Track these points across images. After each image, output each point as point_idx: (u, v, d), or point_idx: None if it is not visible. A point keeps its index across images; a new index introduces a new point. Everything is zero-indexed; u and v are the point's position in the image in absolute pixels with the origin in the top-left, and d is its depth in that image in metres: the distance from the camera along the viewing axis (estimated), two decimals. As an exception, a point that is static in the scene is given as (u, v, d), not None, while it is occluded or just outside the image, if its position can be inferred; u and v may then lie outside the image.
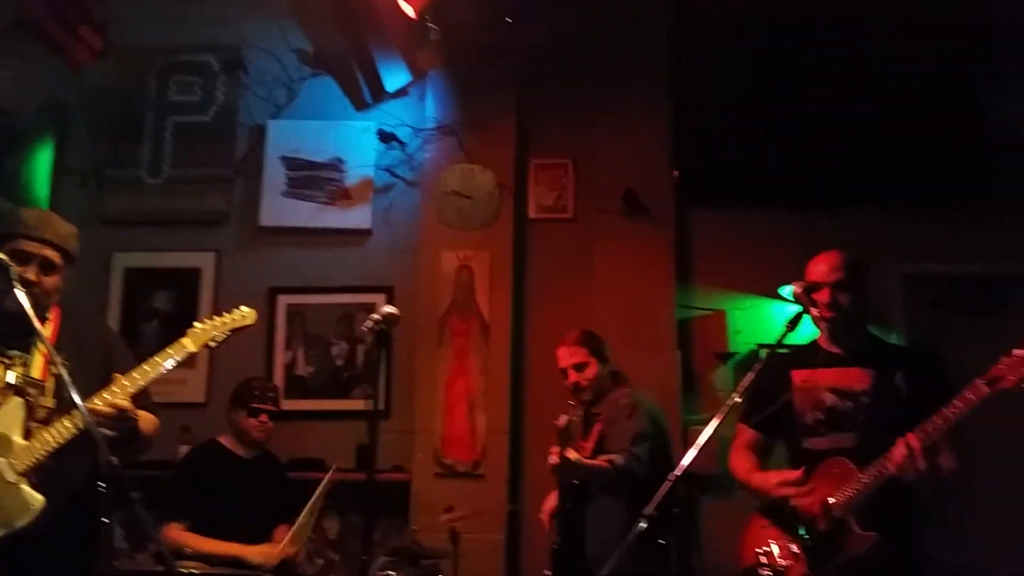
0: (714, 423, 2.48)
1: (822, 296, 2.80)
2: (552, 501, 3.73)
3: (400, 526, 4.40)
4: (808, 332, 2.80)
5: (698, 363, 4.74)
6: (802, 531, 2.74)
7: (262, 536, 3.82)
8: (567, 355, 3.79)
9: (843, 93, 4.69)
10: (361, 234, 5.02)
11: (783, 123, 4.68)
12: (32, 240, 2.57)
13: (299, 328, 4.95)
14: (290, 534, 3.78)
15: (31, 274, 2.53)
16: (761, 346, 4.64)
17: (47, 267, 2.59)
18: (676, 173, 4.78)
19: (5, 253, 2.47)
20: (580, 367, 3.75)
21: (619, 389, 3.77)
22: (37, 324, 2.41)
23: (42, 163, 5.09)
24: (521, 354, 4.80)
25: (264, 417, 3.97)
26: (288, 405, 4.67)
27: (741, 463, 3.03)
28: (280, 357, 4.89)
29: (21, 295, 2.41)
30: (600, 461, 3.53)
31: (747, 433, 3.04)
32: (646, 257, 4.74)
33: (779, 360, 2.90)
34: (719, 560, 3.99)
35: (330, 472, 3.86)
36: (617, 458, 3.50)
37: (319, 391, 4.88)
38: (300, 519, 3.78)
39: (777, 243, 4.64)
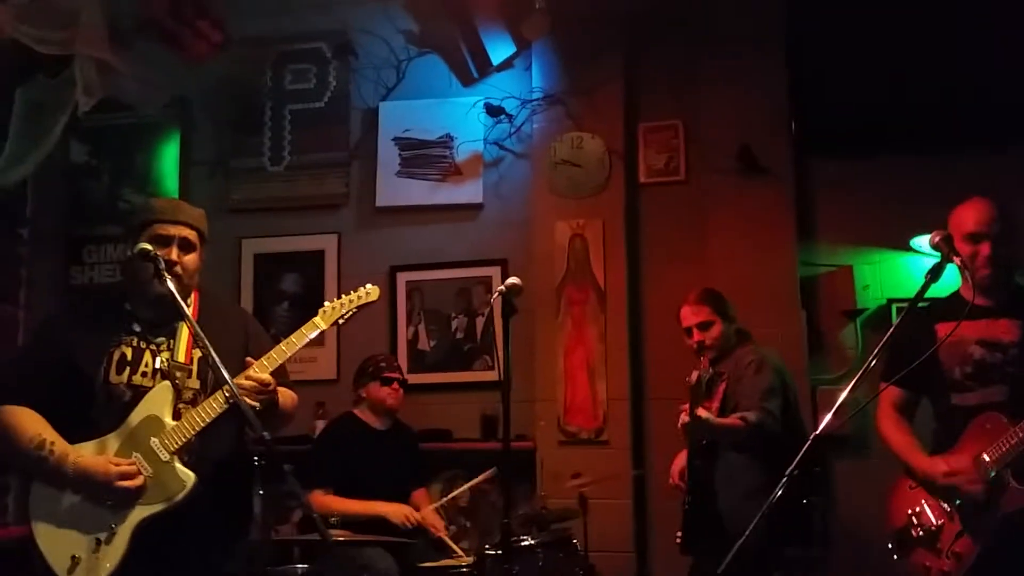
0: (851, 384, 2.38)
1: (981, 248, 2.68)
2: (681, 462, 3.69)
3: (527, 493, 4.46)
4: (946, 283, 2.66)
5: (825, 321, 4.60)
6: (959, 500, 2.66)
7: (399, 500, 4.02)
8: (690, 314, 3.73)
9: (972, 28, 4.40)
10: (473, 208, 5.07)
11: (908, 62, 4.39)
12: (167, 223, 2.68)
13: (419, 304, 5.05)
14: (434, 506, 4.08)
15: (173, 254, 2.65)
16: (892, 301, 4.46)
17: (185, 246, 2.70)
18: (794, 124, 4.60)
19: (145, 240, 2.61)
20: (704, 326, 3.69)
21: (743, 347, 3.69)
22: (183, 307, 2.55)
23: (170, 157, 5.36)
24: (639, 320, 4.76)
25: (395, 385, 4.17)
26: (412, 379, 4.79)
27: (896, 435, 2.89)
28: (403, 333, 5.01)
29: (169, 282, 2.54)
30: (732, 419, 3.46)
31: (893, 392, 2.92)
32: (764, 214, 4.61)
33: (921, 313, 2.78)
34: (854, 520, 3.90)
35: (492, 471, 4.08)
36: (750, 415, 3.42)
37: (441, 364, 4.98)
38: (453, 495, 4.11)
39: (905, 191, 4.43)
